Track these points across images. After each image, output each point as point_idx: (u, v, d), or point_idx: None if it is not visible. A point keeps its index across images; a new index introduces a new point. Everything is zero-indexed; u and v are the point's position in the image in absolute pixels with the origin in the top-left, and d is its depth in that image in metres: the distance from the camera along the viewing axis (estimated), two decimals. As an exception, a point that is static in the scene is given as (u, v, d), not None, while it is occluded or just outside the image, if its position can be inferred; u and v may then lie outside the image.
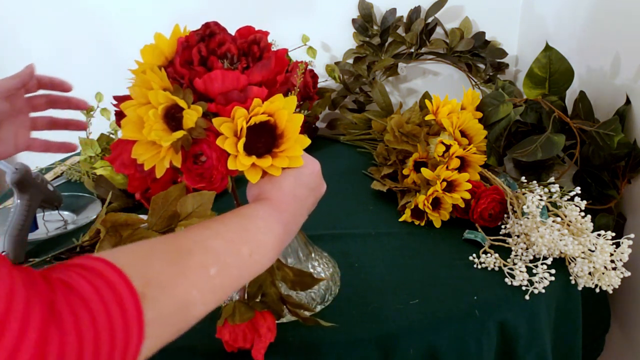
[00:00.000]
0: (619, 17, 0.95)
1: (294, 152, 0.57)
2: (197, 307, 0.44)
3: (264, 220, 0.54)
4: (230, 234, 0.50)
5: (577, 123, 0.96)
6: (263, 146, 0.56)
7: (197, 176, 0.55)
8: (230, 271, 0.48)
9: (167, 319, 0.41)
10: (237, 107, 0.54)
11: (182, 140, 0.54)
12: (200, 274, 0.45)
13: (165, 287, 0.41)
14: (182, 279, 0.43)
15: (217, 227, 0.50)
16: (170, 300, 0.41)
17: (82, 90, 1.24)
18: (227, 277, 0.47)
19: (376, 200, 1.05)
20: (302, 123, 0.58)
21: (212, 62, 0.54)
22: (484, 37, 1.35)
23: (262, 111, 0.55)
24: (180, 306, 0.42)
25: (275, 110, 0.56)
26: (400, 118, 1.05)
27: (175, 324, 0.42)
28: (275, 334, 0.65)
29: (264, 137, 0.56)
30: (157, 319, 0.39)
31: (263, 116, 0.55)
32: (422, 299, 0.76)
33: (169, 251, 0.45)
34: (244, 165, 0.55)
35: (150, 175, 0.55)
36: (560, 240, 0.80)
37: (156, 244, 0.45)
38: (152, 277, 0.41)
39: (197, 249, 0.46)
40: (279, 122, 0.56)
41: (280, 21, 1.38)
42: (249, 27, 0.60)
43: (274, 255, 0.54)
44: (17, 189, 0.87)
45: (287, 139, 0.57)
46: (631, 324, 0.95)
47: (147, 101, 0.53)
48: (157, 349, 0.41)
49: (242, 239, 0.50)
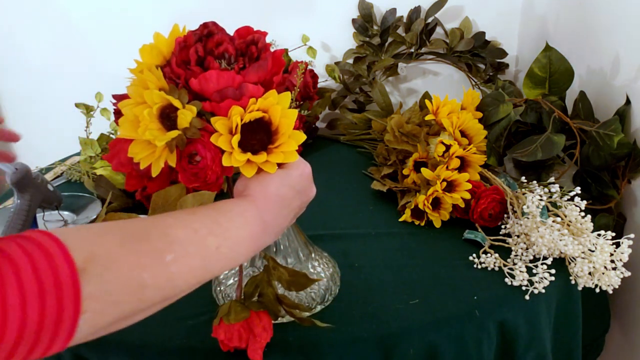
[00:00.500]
0: (619, 17, 0.95)
1: (288, 147, 0.57)
2: (149, 291, 0.44)
3: (239, 216, 0.54)
4: (197, 224, 0.50)
5: (577, 123, 0.95)
6: (258, 143, 0.56)
7: (192, 176, 0.56)
8: (190, 261, 0.47)
9: (110, 296, 0.41)
10: (233, 106, 0.54)
11: (176, 140, 0.54)
12: (154, 258, 0.45)
13: (111, 265, 0.41)
14: (131, 259, 0.43)
15: (184, 217, 0.50)
16: (114, 278, 0.41)
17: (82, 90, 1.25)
18: (185, 266, 0.47)
19: (376, 200, 1.05)
20: (302, 123, 0.58)
21: (209, 62, 0.55)
22: (484, 37, 1.35)
23: (257, 108, 0.55)
24: (127, 286, 0.42)
25: (269, 106, 0.56)
26: (400, 118, 1.05)
27: (123, 302, 0.42)
28: (271, 334, 0.65)
29: (258, 133, 0.56)
30: (98, 294, 0.40)
31: (257, 113, 0.55)
32: (422, 299, 0.76)
33: (124, 234, 0.45)
34: (238, 162, 0.55)
35: (146, 174, 0.55)
36: (560, 240, 0.80)
37: (114, 226, 0.46)
38: (97, 254, 0.41)
39: (156, 234, 0.46)
40: (273, 118, 0.57)
41: (280, 21, 1.38)
42: (247, 28, 0.60)
43: (247, 251, 0.54)
44: (17, 189, 0.87)
45: (282, 134, 0.57)
46: (631, 324, 0.95)
47: (143, 100, 0.53)
48: (106, 325, 0.42)
49: (210, 231, 0.50)
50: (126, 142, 0.54)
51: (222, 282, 0.77)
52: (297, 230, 0.77)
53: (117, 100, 0.57)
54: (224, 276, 0.77)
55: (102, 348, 0.71)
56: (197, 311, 0.75)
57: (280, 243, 0.75)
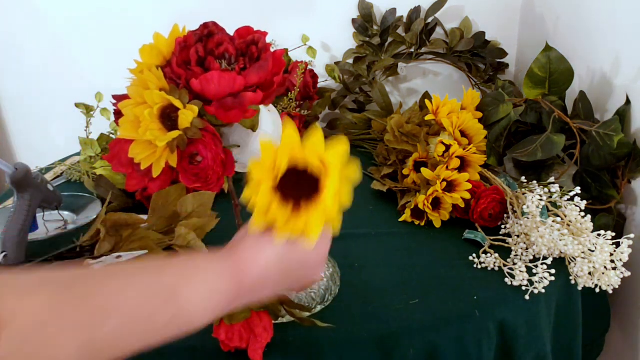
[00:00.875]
0: (619, 17, 0.95)
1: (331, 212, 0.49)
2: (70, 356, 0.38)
3: (207, 284, 0.47)
4: (152, 289, 0.44)
5: (577, 123, 0.95)
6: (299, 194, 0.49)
7: (193, 176, 0.56)
8: (131, 332, 0.42)
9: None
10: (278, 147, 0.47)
11: (177, 140, 0.54)
12: (87, 326, 0.39)
13: (33, 332, 0.36)
14: (61, 324, 0.38)
15: (141, 278, 0.44)
16: (33, 348, 0.36)
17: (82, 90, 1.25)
18: (123, 340, 0.41)
19: (376, 200, 1.04)
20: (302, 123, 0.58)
21: (209, 63, 0.55)
22: (484, 37, 1.34)
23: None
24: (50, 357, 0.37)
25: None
26: (400, 118, 1.05)
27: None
28: (271, 334, 0.65)
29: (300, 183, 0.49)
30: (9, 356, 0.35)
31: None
32: (422, 299, 0.76)
33: (57, 291, 0.39)
34: (278, 217, 0.48)
35: (147, 174, 0.55)
36: (560, 240, 0.80)
37: (48, 281, 0.40)
38: (19, 316, 0.36)
39: (97, 299, 0.41)
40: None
41: (280, 21, 1.38)
42: (248, 28, 0.60)
43: (204, 322, 0.47)
44: (17, 189, 0.87)
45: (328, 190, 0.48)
46: (631, 324, 0.95)
47: (143, 101, 0.53)
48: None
49: (165, 300, 0.44)
50: (127, 143, 0.54)
51: (223, 282, 0.77)
52: (297, 230, 0.77)
53: (117, 100, 0.57)
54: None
55: (103, 348, 0.71)
56: (197, 311, 0.75)
57: (280, 243, 0.75)
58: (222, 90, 0.54)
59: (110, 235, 0.89)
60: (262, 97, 0.56)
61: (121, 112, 0.54)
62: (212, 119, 0.56)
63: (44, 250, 0.90)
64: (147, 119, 0.53)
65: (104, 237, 0.88)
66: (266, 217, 0.48)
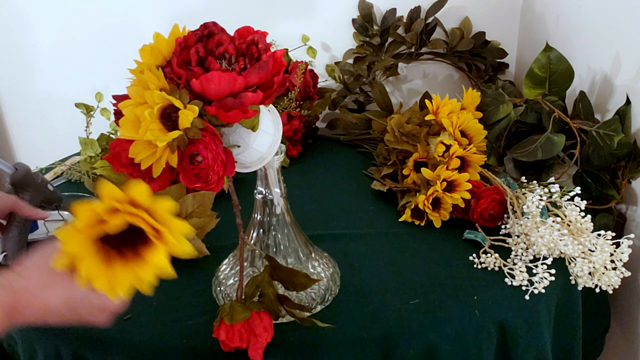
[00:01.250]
0: (618, 17, 0.95)
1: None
2: None
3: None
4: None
5: (577, 123, 0.95)
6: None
7: (193, 176, 0.55)
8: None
9: None
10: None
11: (177, 140, 0.54)
12: None
13: None
14: None
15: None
16: None
17: (83, 90, 1.25)
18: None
19: (376, 200, 1.05)
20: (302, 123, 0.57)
21: (209, 63, 0.55)
22: (484, 37, 1.34)
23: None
24: None
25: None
26: (400, 118, 1.05)
27: None
28: (272, 334, 0.65)
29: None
30: None
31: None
32: (422, 299, 0.76)
33: None
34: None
35: (147, 174, 0.55)
36: (560, 240, 0.80)
37: None
38: None
39: None
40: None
41: (280, 21, 1.38)
42: (248, 28, 0.60)
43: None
44: (17, 188, 0.87)
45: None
46: (631, 324, 0.95)
47: (144, 101, 0.53)
48: None
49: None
50: (127, 143, 0.54)
51: (223, 282, 0.77)
52: (297, 230, 0.77)
53: (117, 100, 0.57)
54: (224, 276, 0.77)
55: (103, 348, 0.71)
56: (197, 311, 0.75)
57: (280, 243, 0.75)
58: (222, 91, 0.54)
59: (110, 235, 0.89)
60: (263, 97, 0.56)
61: (121, 112, 0.54)
62: (212, 119, 0.56)
63: (44, 250, 0.90)
64: (147, 119, 0.53)
65: (104, 237, 0.88)
66: (74, 261, 0.48)
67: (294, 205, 0.76)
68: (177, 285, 0.82)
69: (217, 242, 0.89)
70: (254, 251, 0.75)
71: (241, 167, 0.64)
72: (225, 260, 0.80)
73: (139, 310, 0.76)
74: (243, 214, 0.68)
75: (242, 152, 0.63)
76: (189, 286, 0.81)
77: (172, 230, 0.47)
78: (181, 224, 0.48)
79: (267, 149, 0.64)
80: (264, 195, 0.72)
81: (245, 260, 0.74)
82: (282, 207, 0.74)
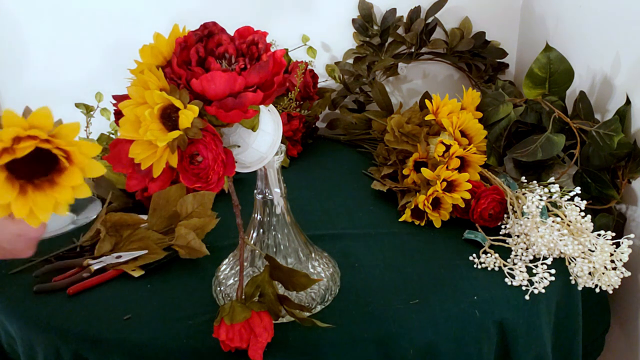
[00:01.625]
0: (618, 17, 0.95)
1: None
2: None
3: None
4: None
5: (577, 123, 0.96)
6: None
7: (194, 176, 0.56)
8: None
9: None
10: None
11: (178, 140, 0.54)
12: None
13: None
14: None
15: None
16: None
17: (83, 90, 1.25)
18: None
19: (376, 200, 1.05)
20: (302, 123, 0.58)
21: (209, 63, 0.55)
22: (484, 37, 1.35)
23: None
24: None
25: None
26: (400, 118, 1.05)
27: None
28: (272, 334, 0.65)
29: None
30: None
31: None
32: (422, 299, 0.76)
33: None
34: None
35: (147, 174, 0.55)
36: (560, 240, 0.80)
37: None
38: None
39: None
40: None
41: (280, 21, 1.38)
42: (248, 28, 0.60)
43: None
44: (17, 189, 0.87)
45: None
46: (631, 324, 0.95)
47: (144, 101, 0.53)
48: None
49: None
50: (127, 143, 0.55)
51: (223, 282, 0.77)
52: (297, 230, 0.77)
53: (117, 100, 0.57)
54: (224, 276, 0.77)
55: (103, 348, 0.71)
56: (197, 311, 0.75)
57: (280, 243, 0.75)
58: (223, 91, 0.54)
59: (110, 235, 0.89)
60: (263, 97, 0.56)
61: (121, 112, 0.54)
62: (212, 119, 0.56)
63: (44, 250, 0.90)
64: (147, 119, 0.53)
65: (104, 237, 0.89)
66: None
67: (294, 205, 0.76)
68: (177, 285, 0.82)
69: (217, 242, 0.89)
70: (254, 251, 0.75)
71: (241, 167, 0.64)
72: (225, 260, 0.80)
73: (139, 310, 0.76)
74: (243, 214, 0.68)
75: (242, 152, 0.63)
76: (189, 286, 0.81)
77: (81, 149, 0.49)
78: (89, 144, 0.49)
79: (267, 149, 0.64)
80: (264, 195, 0.72)
81: (245, 260, 0.74)
82: (282, 207, 0.74)
